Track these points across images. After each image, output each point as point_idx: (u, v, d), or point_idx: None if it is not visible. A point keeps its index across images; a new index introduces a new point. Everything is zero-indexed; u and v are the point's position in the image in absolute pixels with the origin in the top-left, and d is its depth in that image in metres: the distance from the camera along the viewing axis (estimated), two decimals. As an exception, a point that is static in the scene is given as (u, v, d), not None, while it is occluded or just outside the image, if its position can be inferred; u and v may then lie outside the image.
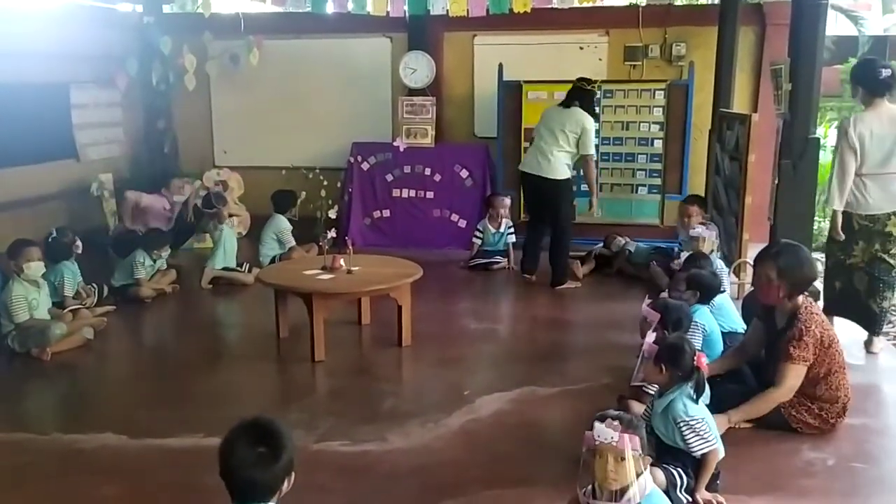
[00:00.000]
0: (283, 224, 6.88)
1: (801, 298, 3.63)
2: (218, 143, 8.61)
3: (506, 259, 7.04)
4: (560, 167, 6.16)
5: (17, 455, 3.56)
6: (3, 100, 6.40)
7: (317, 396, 4.39)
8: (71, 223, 6.43)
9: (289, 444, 2.06)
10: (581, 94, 6.18)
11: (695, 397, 3.06)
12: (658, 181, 7.50)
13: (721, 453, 3.05)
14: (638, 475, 2.39)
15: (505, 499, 3.11)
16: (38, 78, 6.92)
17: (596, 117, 6.34)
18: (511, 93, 7.53)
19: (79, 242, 5.69)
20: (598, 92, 6.37)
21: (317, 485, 3.08)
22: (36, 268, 4.95)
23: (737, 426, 3.59)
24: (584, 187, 6.58)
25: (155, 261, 6.17)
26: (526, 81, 7.48)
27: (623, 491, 2.40)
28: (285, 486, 2.08)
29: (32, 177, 6.82)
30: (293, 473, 2.09)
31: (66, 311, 5.25)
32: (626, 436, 2.37)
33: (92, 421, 3.90)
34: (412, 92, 7.91)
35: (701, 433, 3.01)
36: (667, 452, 3.11)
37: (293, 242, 6.86)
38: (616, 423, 2.41)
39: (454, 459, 3.48)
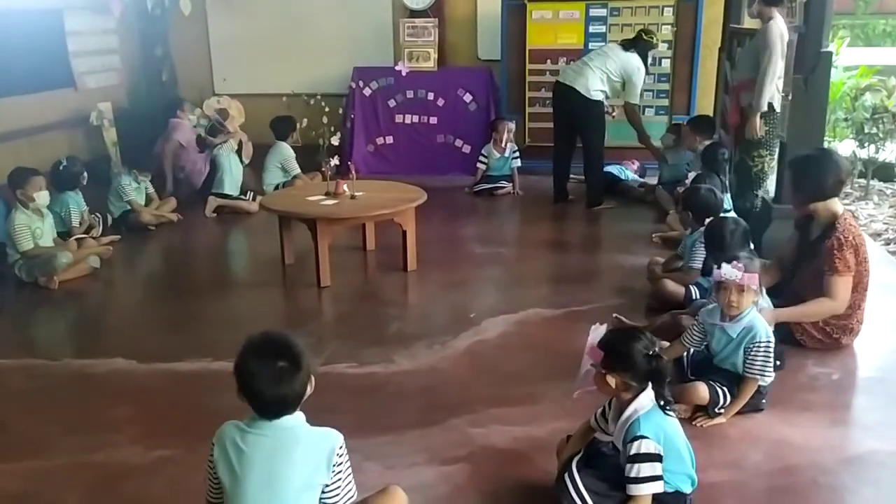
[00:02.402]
0: (286, 152, 6.80)
1: (840, 208, 3.59)
2: (217, 70, 8.43)
3: (511, 184, 6.99)
4: (595, 90, 6.19)
5: (30, 380, 3.62)
6: (-4, 27, 6.26)
7: (323, 320, 4.43)
8: (71, 153, 6.36)
9: (304, 352, 2.05)
10: (640, 44, 6.23)
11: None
12: (665, 102, 7.36)
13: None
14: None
15: (510, 416, 3.15)
16: (30, 3, 6.75)
17: (647, 69, 6.35)
18: (515, 13, 7.32)
19: (85, 173, 5.66)
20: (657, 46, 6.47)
21: (325, 405, 3.08)
22: (44, 197, 4.93)
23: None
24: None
25: (139, 183, 6.11)
26: (530, 0, 7.25)
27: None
28: (308, 391, 2.08)
29: (30, 106, 6.71)
30: (313, 377, 2.09)
31: (71, 239, 5.25)
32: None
33: (102, 347, 3.95)
34: (414, 13, 7.69)
35: (769, 360, 3.03)
36: (715, 371, 3.15)
37: (298, 170, 6.81)
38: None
39: (460, 380, 3.52)
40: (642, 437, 2.29)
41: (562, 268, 5.19)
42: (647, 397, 2.36)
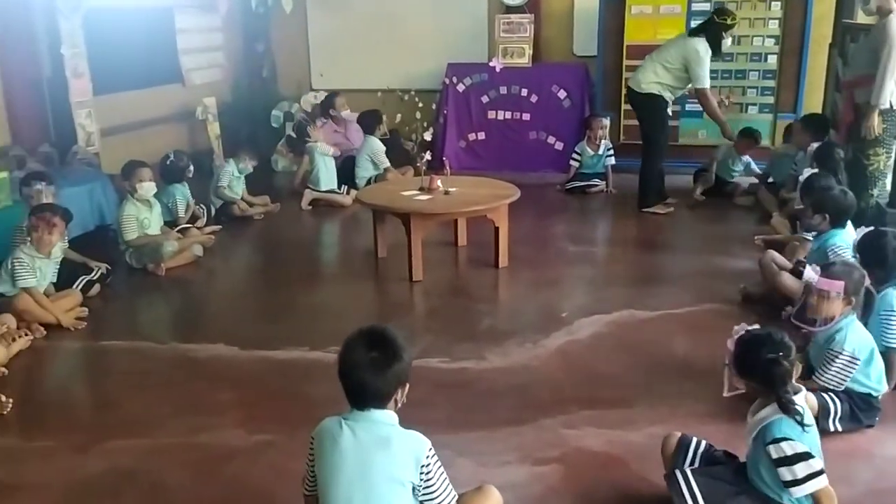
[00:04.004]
0: (376, 145, 6.90)
1: None
2: (315, 66, 8.63)
3: (604, 182, 6.88)
4: (650, 83, 5.97)
5: (140, 362, 3.81)
6: (113, 24, 6.58)
7: (415, 314, 4.47)
8: (178, 146, 6.65)
9: (402, 355, 2.08)
10: (710, 26, 5.90)
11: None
12: (770, 99, 7.08)
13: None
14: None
15: (604, 419, 3.10)
16: (144, 3, 7.07)
17: (718, 52, 5.93)
18: (613, 8, 7.18)
19: (191, 167, 5.91)
20: (735, 26, 5.96)
21: (417, 399, 3.11)
22: (148, 187, 5.16)
23: None
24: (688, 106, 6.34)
25: (241, 171, 6.30)
26: (630, -5, 7.12)
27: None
28: (399, 396, 2.12)
29: (142, 101, 7.05)
30: (407, 385, 2.12)
31: (176, 229, 5.48)
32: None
33: (205, 332, 4.10)
34: (509, 9, 7.68)
35: (846, 374, 2.91)
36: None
37: (388, 163, 6.90)
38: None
39: (552, 379, 3.49)
40: (783, 438, 2.23)
41: (656, 268, 5.07)
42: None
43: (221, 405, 3.33)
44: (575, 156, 7.02)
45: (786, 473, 2.23)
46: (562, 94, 7.57)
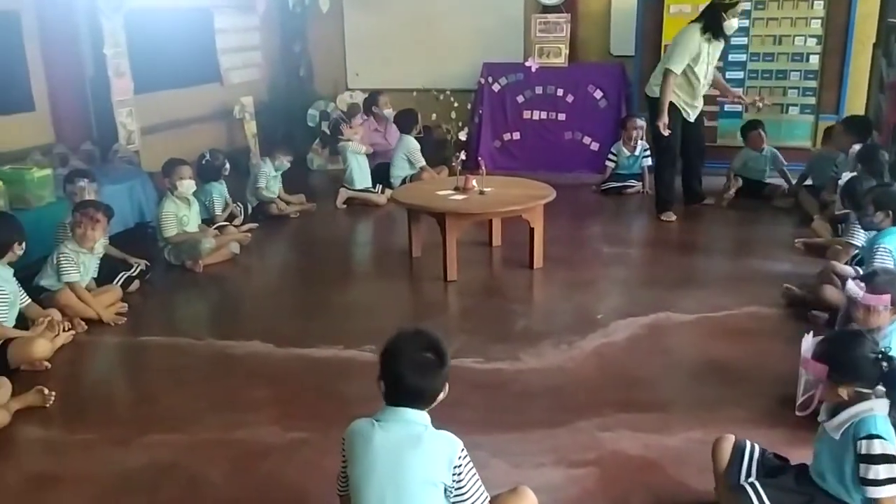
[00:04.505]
0: (411, 144, 6.92)
1: None
2: (350, 65, 8.68)
3: (640, 183, 6.81)
4: (654, 85, 5.84)
5: (178, 357, 3.86)
6: (154, 24, 6.68)
7: (450, 314, 4.47)
8: (216, 145, 6.74)
9: (448, 353, 2.11)
10: (709, 11, 5.64)
11: None
12: (812, 100, 6.94)
13: None
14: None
15: (640, 422, 3.07)
16: (184, 3, 7.18)
17: (719, 35, 5.60)
18: (651, 7, 7.10)
19: (227, 165, 5.98)
20: (737, 9, 5.57)
21: (452, 399, 3.09)
22: (187, 185, 5.23)
23: None
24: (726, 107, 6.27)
25: (277, 169, 6.34)
26: (668, -6, 7.04)
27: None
28: (441, 397, 2.12)
29: (181, 100, 7.15)
30: (447, 385, 2.13)
31: (213, 227, 5.55)
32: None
33: (241, 329, 4.14)
34: (546, 9, 7.64)
35: None
36: None
37: (423, 162, 6.91)
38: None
39: (588, 381, 3.46)
40: (876, 436, 2.15)
41: (693, 271, 5.00)
42: (882, 401, 2.22)
43: (257, 402, 3.35)
44: (611, 156, 6.96)
45: (867, 471, 2.15)
46: (598, 94, 7.52)
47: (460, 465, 2.04)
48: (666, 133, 5.71)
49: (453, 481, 2.04)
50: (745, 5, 6.82)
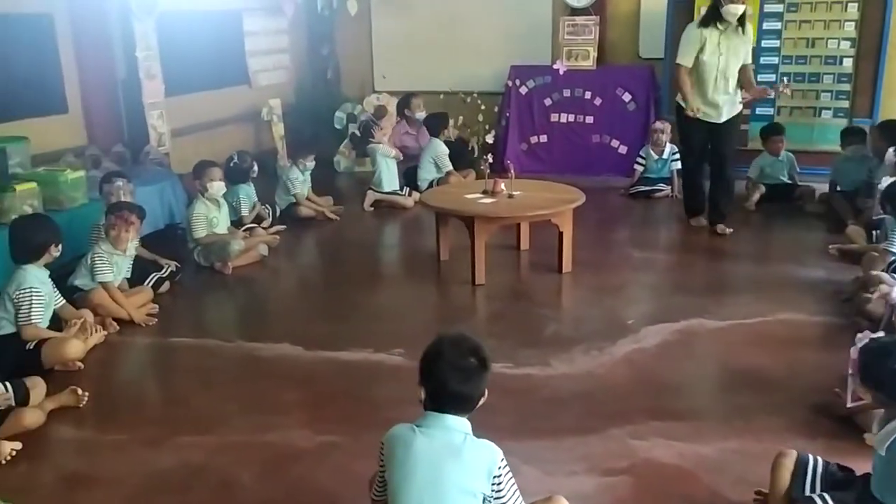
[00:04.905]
0: (440, 148, 6.90)
1: None
2: (377, 68, 8.69)
3: (669, 187, 6.75)
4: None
5: (207, 359, 3.87)
6: (185, 27, 6.73)
7: (478, 318, 4.45)
8: (244, 147, 6.77)
9: (490, 359, 2.10)
10: (711, 5, 5.43)
11: None
12: (845, 104, 6.83)
13: None
14: None
15: (674, 430, 3.03)
16: (214, 6, 7.23)
17: (719, 17, 5.25)
18: (682, 9, 7.03)
19: (255, 166, 6.00)
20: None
21: (483, 404, 3.13)
22: (217, 187, 5.26)
23: None
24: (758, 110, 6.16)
25: (303, 171, 6.35)
26: (699, -4, 6.96)
27: None
28: (480, 403, 2.11)
29: (210, 102, 7.20)
30: (487, 391, 2.12)
31: (241, 229, 5.57)
32: None
33: (270, 331, 4.15)
34: (574, 11, 7.59)
35: None
36: None
37: (450, 166, 6.89)
38: None
39: (619, 388, 3.42)
40: None
41: (724, 276, 4.94)
42: None
43: (287, 405, 3.36)
44: (639, 160, 6.90)
45: None
46: (626, 96, 7.46)
47: (500, 476, 2.02)
48: (695, 114, 5.41)
49: (493, 491, 2.02)
50: (778, 7, 6.82)
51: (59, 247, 3.87)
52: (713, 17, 5.33)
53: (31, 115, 5.38)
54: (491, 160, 5.54)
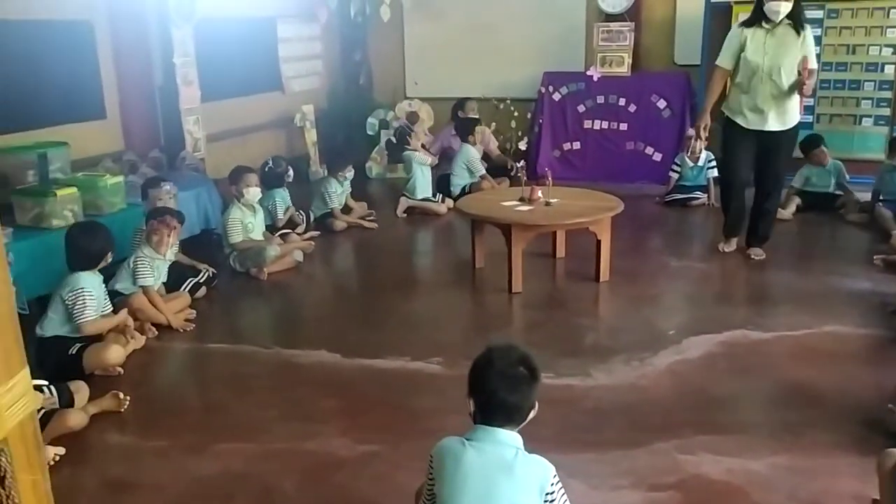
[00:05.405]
0: (471, 153, 6.88)
1: None
2: (410, 74, 8.70)
3: (706, 195, 6.66)
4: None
5: (245, 365, 3.87)
6: (221, 34, 6.78)
7: (516, 327, 4.40)
8: (277, 152, 6.79)
9: (539, 370, 2.06)
10: (755, 5, 5.02)
11: None
12: (887, 111, 6.71)
13: None
14: None
15: (722, 445, 2.96)
16: (249, 13, 7.27)
17: (763, 17, 4.83)
18: (719, 15, 6.96)
19: (290, 171, 6.02)
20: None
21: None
22: (254, 193, 5.27)
23: None
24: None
25: (342, 182, 6.35)
26: (737, 2, 6.86)
27: None
28: (531, 415, 2.07)
29: (245, 108, 7.24)
30: (536, 403, 2.08)
31: (276, 234, 5.58)
32: None
33: (307, 338, 4.14)
34: (609, 17, 7.54)
35: None
36: None
37: (483, 171, 6.87)
38: None
39: (663, 400, 3.36)
40: None
41: (766, 287, 4.85)
42: None
43: (326, 412, 3.34)
44: (674, 167, 6.83)
45: None
46: (661, 103, 7.39)
47: (553, 493, 1.98)
48: (699, 137, 5.25)
49: None
50: (818, 13, 6.71)
51: (111, 254, 3.90)
52: (758, 16, 4.92)
53: (71, 120, 5.43)
54: (524, 166, 5.50)
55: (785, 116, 4.91)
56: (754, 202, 5.25)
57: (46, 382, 3.15)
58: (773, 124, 4.91)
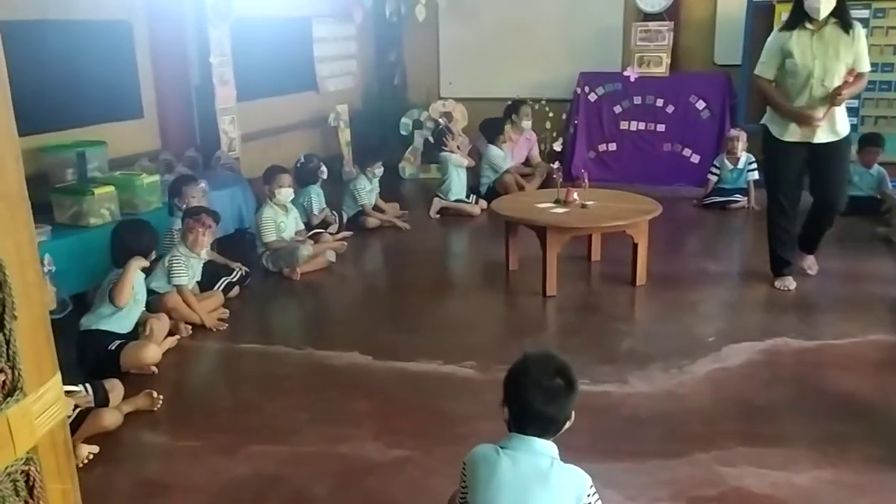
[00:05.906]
0: (492, 152, 6.89)
1: None
2: (444, 74, 8.65)
3: (745, 198, 6.52)
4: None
5: (277, 366, 3.86)
6: (257, 33, 6.80)
7: (550, 332, 4.34)
8: (310, 152, 6.78)
9: (577, 380, 2.01)
10: (794, 4, 4.53)
11: None
12: (936, 113, 6.52)
13: None
14: None
15: (764, 457, 2.87)
16: (285, 12, 7.29)
17: (804, 17, 4.38)
18: (761, 15, 6.80)
19: (324, 168, 6.01)
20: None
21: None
22: (286, 193, 5.28)
23: None
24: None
25: (371, 179, 6.32)
26: (780, 1, 6.70)
27: None
28: (568, 425, 2.02)
29: (279, 108, 7.26)
30: (573, 413, 2.03)
31: (308, 234, 5.57)
32: None
33: (340, 340, 4.11)
34: (647, 17, 7.42)
35: None
36: None
37: (505, 167, 6.86)
38: None
39: (702, 409, 3.27)
40: None
41: (807, 294, 4.70)
42: None
43: (358, 415, 3.30)
44: (713, 169, 6.70)
45: None
46: (700, 104, 7.26)
47: (590, 503, 1.93)
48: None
49: None
50: (864, 13, 6.52)
51: (156, 253, 3.94)
52: (799, 17, 4.43)
53: (109, 119, 5.48)
54: (559, 167, 5.43)
55: (836, 125, 4.44)
56: (811, 216, 4.74)
57: (80, 389, 3.15)
58: (824, 135, 4.42)
